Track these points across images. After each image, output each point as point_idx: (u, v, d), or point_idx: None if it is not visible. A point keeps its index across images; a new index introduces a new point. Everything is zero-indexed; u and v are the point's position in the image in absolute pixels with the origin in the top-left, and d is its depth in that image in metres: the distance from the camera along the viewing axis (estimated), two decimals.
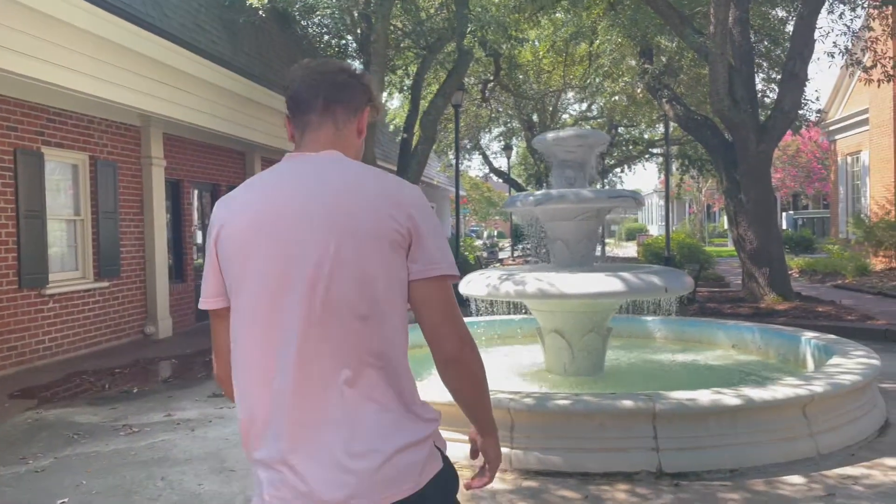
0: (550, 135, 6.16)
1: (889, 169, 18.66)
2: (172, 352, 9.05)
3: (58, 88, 7.50)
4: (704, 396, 4.19)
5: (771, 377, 5.94)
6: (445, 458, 1.60)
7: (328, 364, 1.47)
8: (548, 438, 4.16)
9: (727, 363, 6.62)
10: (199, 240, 12.05)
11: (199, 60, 9.57)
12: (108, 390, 6.88)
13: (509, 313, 8.08)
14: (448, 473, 1.59)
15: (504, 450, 4.16)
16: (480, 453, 1.73)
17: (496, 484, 3.96)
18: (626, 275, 5.35)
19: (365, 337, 1.49)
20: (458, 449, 2.36)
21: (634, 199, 5.80)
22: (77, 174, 9.14)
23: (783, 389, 4.31)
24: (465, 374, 1.59)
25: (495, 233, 59.73)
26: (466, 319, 1.64)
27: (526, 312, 6.71)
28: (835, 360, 5.19)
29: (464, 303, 6.25)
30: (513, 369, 6.34)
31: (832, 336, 6.34)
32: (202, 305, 1.65)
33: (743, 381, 5.89)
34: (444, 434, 1.68)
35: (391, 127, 18.62)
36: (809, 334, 6.42)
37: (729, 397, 4.17)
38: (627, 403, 4.11)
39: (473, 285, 5.77)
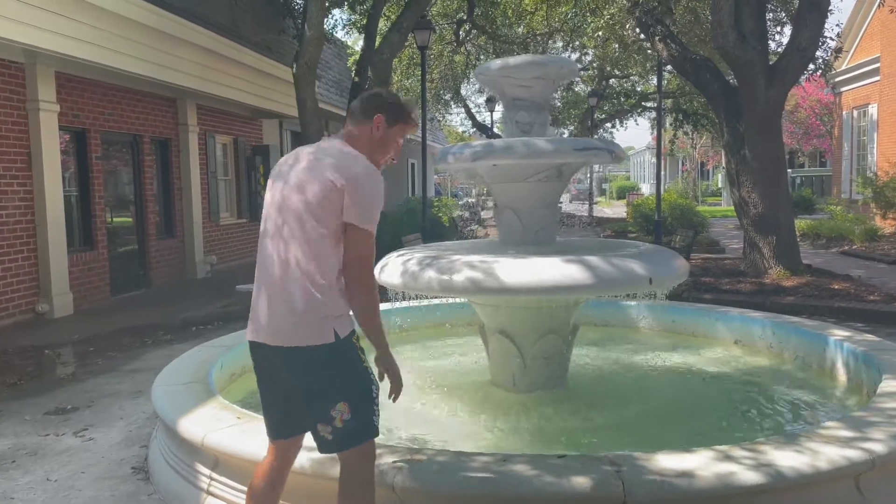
0: (497, 63, 4.48)
1: None
2: (58, 338, 7.45)
3: None
4: (704, 468, 2.63)
5: (795, 402, 4.40)
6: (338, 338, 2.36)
7: None
8: None
9: (730, 371, 5.07)
10: (119, 198, 10.37)
11: None
12: None
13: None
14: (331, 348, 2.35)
15: None
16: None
17: None
18: (594, 260, 3.75)
19: None
20: None
21: (608, 152, 4.15)
22: None
23: (828, 451, 2.76)
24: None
25: (485, 190, 57.91)
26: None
27: None
28: (888, 383, 3.64)
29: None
30: (444, 380, 4.76)
31: (870, 337, 4.79)
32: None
33: (754, 404, 4.35)
34: None
35: (353, 72, 16.75)
36: (838, 333, 4.87)
37: (744, 470, 2.61)
38: (581, 483, 2.55)
39: (388, 271, 4.16)
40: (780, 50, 11.70)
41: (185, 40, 9.93)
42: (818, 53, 11.45)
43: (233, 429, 3.16)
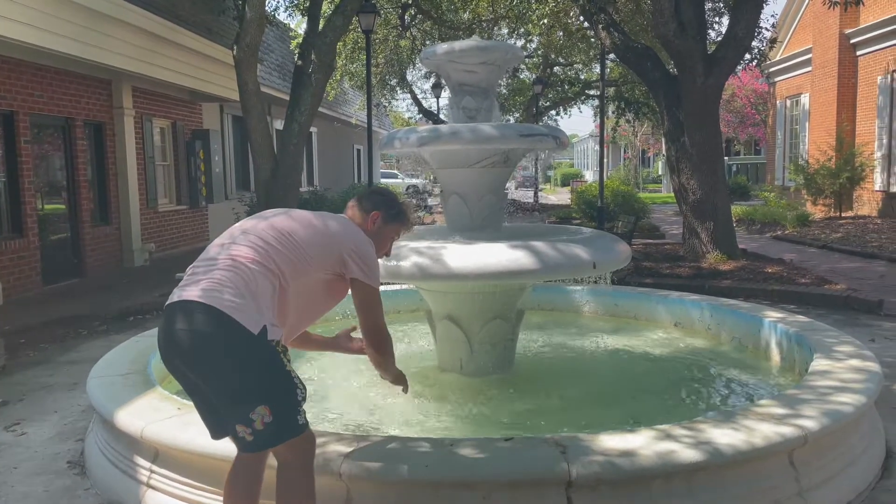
0: (443, 47, 4.45)
1: (831, 113, 17.72)
2: None
3: None
4: (646, 447, 2.69)
5: (732, 381, 4.55)
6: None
7: None
8: None
9: (670, 352, 5.21)
10: (52, 183, 9.94)
11: None
12: None
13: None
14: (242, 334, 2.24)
15: None
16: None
17: None
18: (539, 245, 3.78)
19: None
20: None
21: (554, 138, 4.19)
22: None
23: (763, 429, 2.86)
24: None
25: (432, 177, 57.59)
26: None
27: None
28: (818, 362, 3.79)
29: None
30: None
31: (802, 318, 4.98)
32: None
33: (693, 385, 4.48)
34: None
35: (296, 55, 16.44)
36: (773, 315, 5.05)
37: (684, 449, 2.68)
38: (528, 465, 2.58)
39: None
40: (718, 39, 12.01)
41: (119, 19, 9.56)
42: (754, 43, 11.81)
43: (173, 420, 3.08)
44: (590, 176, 45.96)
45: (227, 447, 2.76)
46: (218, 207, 14.76)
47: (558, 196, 35.73)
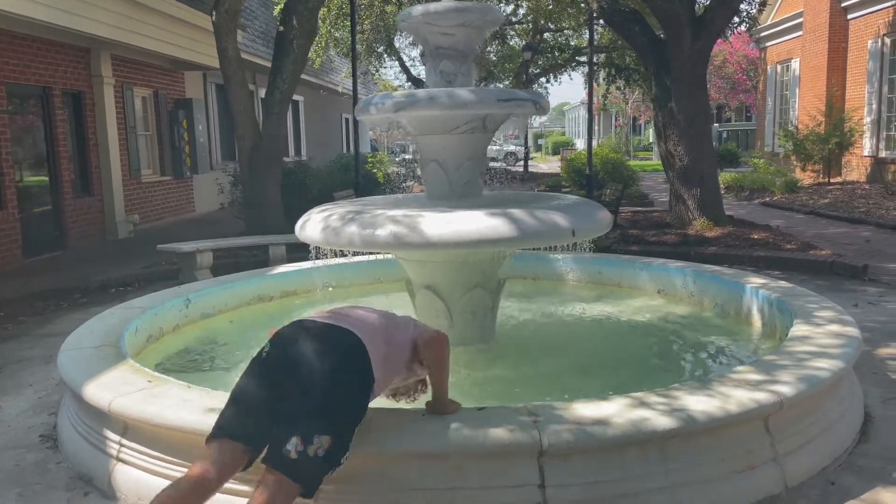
0: (419, 9, 4.32)
1: (821, 78, 17.57)
2: None
3: None
4: (619, 415, 2.66)
5: (713, 348, 4.54)
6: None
7: None
8: (373, 492, 2.58)
9: (652, 319, 5.18)
10: (34, 153, 9.76)
11: None
12: None
13: None
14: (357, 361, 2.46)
15: None
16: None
17: None
18: (517, 213, 3.71)
19: None
20: None
21: (533, 102, 4.09)
22: None
23: (738, 395, 2.83)
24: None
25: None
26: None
27: None
28: (798, 328, 3.77)
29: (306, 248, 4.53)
30: None
31: (784, 284, 4.96)
32: None
33: (674, 352, 4.46)
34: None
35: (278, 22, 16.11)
36: (755, 281, 5.02)
37: (658, 416, 2.65)
38: (500, 434, 2.54)
39: (310, 227, 4.05)
40: (707, 4, 11.83)
41: None
42: (743, 6, 11.62)
43: (142, 393, 3.03)
44: (580, 144, 45.68)
45: (195, 419, 2.72)
46: (203, 178, 14.60)
47: (549, 164, 35.56)
